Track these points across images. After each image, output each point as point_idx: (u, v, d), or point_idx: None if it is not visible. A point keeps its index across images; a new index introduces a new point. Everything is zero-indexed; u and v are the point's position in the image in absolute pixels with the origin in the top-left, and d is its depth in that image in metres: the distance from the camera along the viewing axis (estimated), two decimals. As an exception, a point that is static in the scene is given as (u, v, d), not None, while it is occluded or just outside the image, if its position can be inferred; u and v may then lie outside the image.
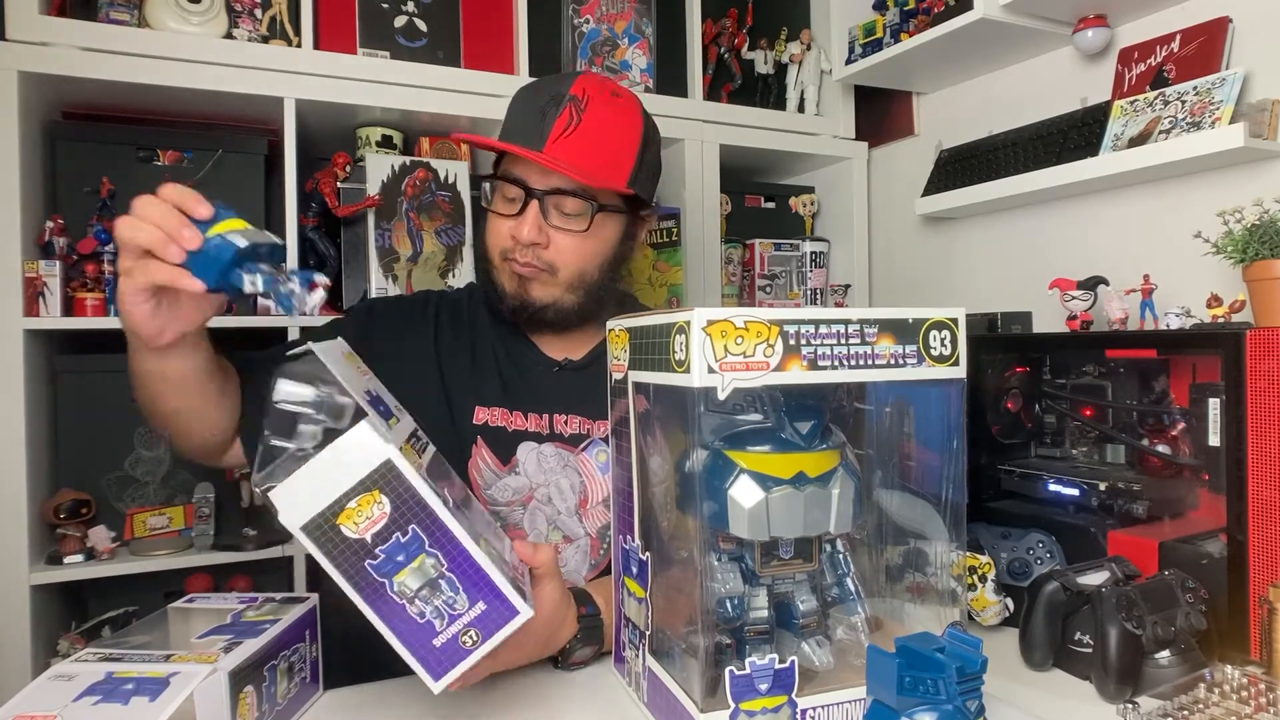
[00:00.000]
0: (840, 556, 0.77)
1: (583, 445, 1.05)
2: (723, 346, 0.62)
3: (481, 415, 1.04)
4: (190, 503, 1.43)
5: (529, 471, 1.03)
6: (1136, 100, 1.35)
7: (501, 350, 1.09)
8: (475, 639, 0.65)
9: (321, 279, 0.75)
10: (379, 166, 1.51)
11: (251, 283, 0.73)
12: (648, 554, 0.74)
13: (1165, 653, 0.80)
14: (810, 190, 2.05)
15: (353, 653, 0.98)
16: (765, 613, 0.72)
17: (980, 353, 1.16)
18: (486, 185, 1.05)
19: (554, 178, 0.98)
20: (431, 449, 0.82)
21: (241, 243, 0.71)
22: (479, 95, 1.58)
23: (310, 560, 0.80)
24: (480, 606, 0.65)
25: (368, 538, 0.63)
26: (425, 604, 0.64)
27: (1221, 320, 1.01)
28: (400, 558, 0.64)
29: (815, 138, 1.94)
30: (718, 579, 0.71)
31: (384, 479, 0.63)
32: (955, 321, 0.69)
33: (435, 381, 1.05)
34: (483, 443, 1.03)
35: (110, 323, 1.34)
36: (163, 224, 0.70)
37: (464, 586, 0.64)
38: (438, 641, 0.64)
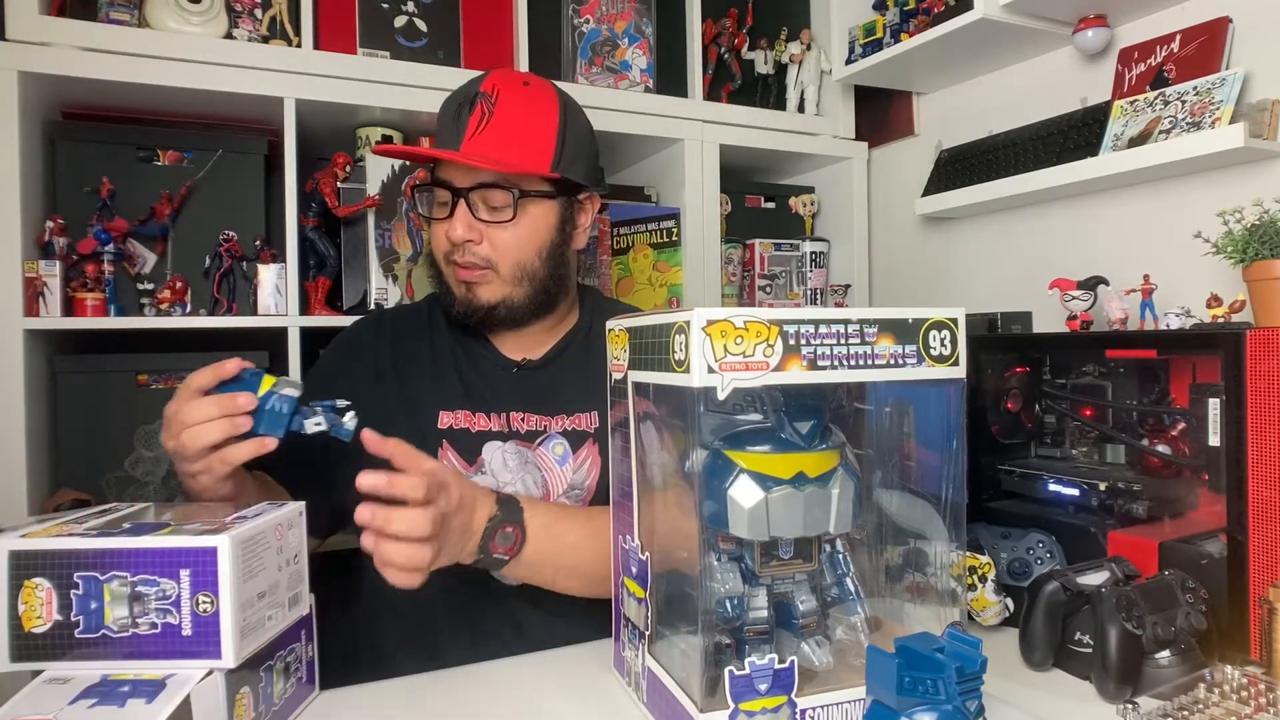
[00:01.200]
0: (840, 556, 0.77)
1: (539, 441, 1.06)
2: (722, 346, 0.62)
3: (446, 419, 1.05)
4: (189, 502, 1.43)
5: (495, 470, 1.04)
6: (1136, 100, 1.35)
7: (461, 353, 1.11)
8: (210, 599, 0.64)
9: (342, 402, 0.84)
10: (379, 166, 1.51)
11: (315, 424, 0.81)
12: (647, 554, 0.74)
13: (1165, 653, 0.80)
14: (810, 190, 2.05)
15: (349, 652, 0.98)
16: (765, 613, 0.72)
17: (980, 353, 1.16)
18: (422, 195, 1.09)
19: (476, 174, 1.01)
20: None
21: (294, 393, 0.80)
22: (479, 95, 1.57)
23: (311, 561, 0.80)
24: (185, 573, 0.64)
25: (56, 617, 0.64)
26: (145, 616, 0.64)
27: (1221, 320, 1.01)
28: (93, 605, 0.64)
29: (815, 138, 1.94)
30: (717, 579, 0.71)
31: (20, 567, 0.64)
32: (955, 321, 0.69)
33: (394, 395, 1.07)
34: (448, 446, 1.04)
35: (110, 323, 1.34)
36: (219, 413, 0.77)
37: (158, 573, 0.64)
38: (186, 631, 0.64)
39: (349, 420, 0.82)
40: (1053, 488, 1.08)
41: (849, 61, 1.79)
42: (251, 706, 0.68)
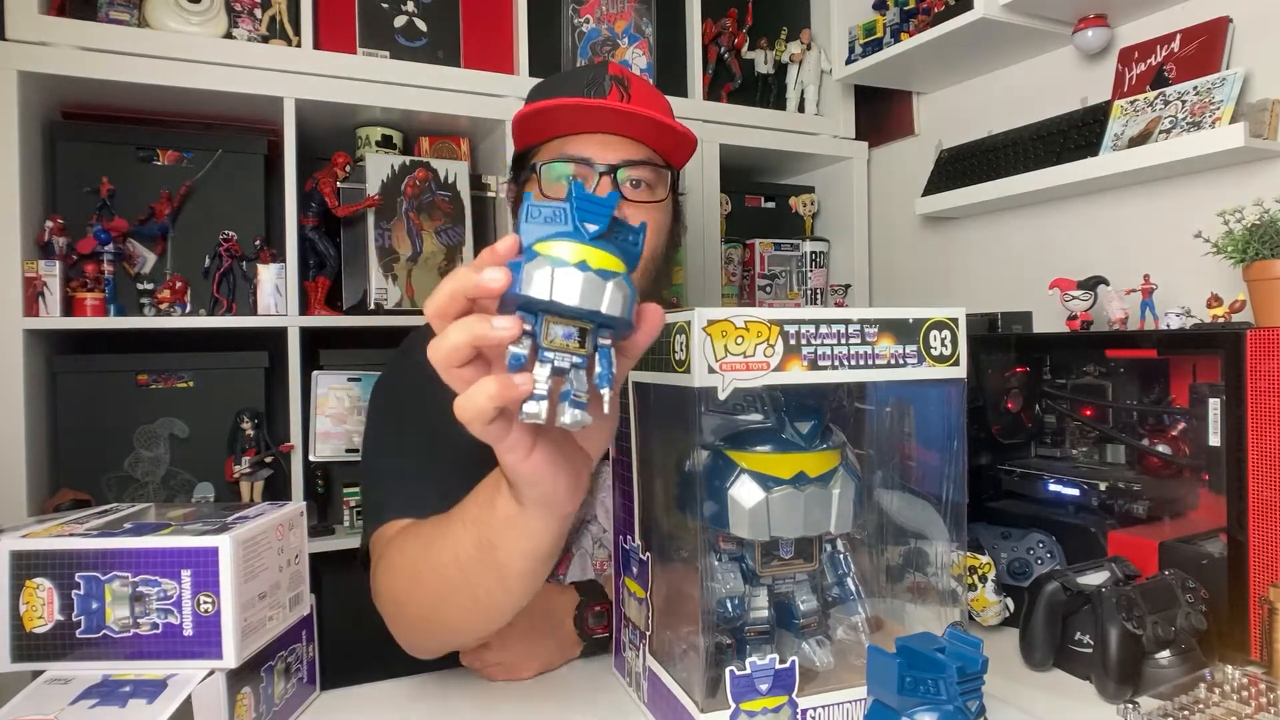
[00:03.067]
0: (841, 556, 0.77)
1: None
2: (723, 346, 0.62)
3: None
4: (190, 503, 1.43)
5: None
6: (1137, 100, 1.35)
7: None
8: (212, 599, 0.64)
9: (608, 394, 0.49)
10: (379, 166, 1.51)
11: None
12: (648, 554, 0.74)
13: (1165, 653, 0.80)
14: (810, 190, 2.05)
15: (350, 653, 0.98)
16: (766, 613, 0.72)
17: (980, 353, 1.16)
18: (542, 171, 0.94)
19: (623, 151, 0.93)
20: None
21: (537, 293, 0.45)
22: (479, 95, 1.58)
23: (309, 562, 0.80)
24: (186, 574, 0.64)
25: (57, 617, 0.64)
26: (146, 616, 0.64)
27: (1222, 320, 1.01)
28: (95, 605, 0.64)
29: (815, 137, 1.94)
30: (718, 579, 0.71)
31: (21, 567, 0.64)
32: (955, 321, 0.69)
33: None
34: None
35: (110, 323, 1.34)
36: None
37: (159, 573, 0.64)
38: (188, 631, 0.64)
39: (573, 412, 0.47)
40: (1053, 488, 1.08)
41: (849, 61, 1.79)
42: (252, 707, 0.68)
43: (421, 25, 1.57)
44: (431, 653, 0.81)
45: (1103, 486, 1.02)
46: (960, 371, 0.69)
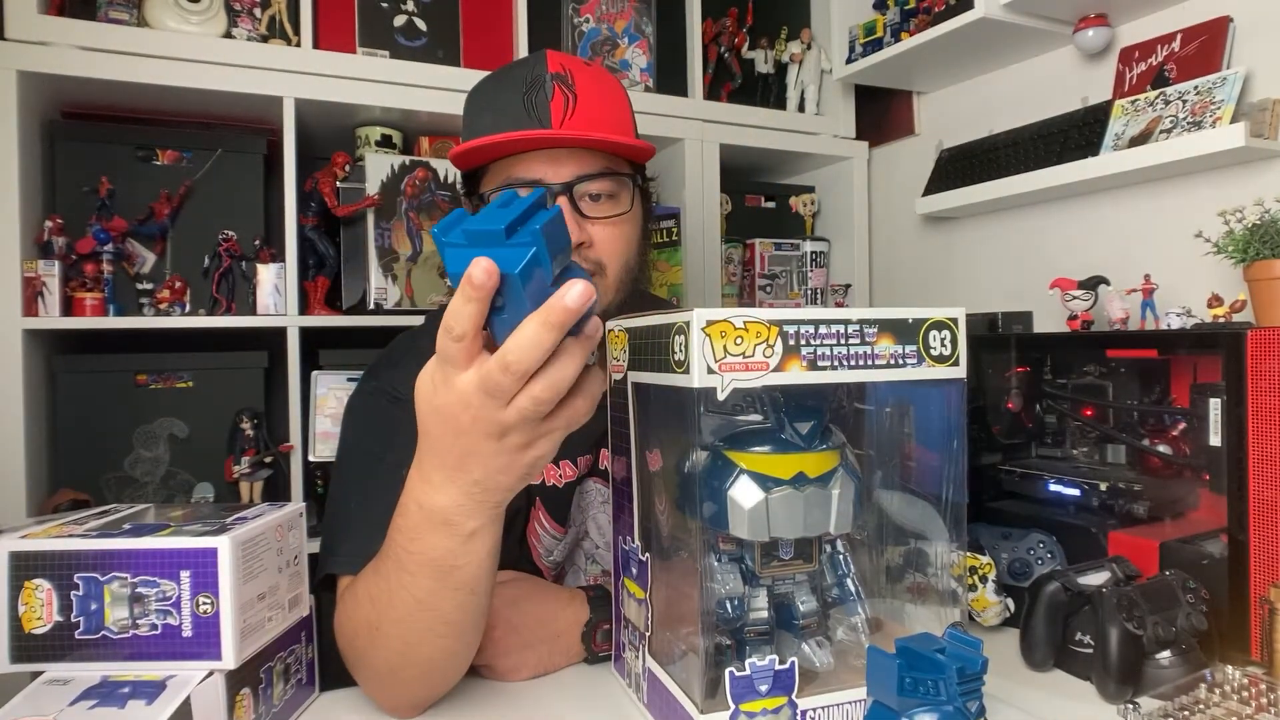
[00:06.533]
0: (840, 557, 0.77)
1: None
2: (722, 347, 0.62)
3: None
4: (190, 503, 1.43)
5: (571, 514, 0.98)
6: (1137, 100, 1.34)
7: None
8: (210, 600, 0.64)
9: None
10: (378, 166, 1.50)
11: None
12: (647, 555, 0.74)
13: (1166, 653, 0.79)
14: (810, 190, 2.05)
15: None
16: (765, 613, 0.72)
17: (981, 353, 1.16)
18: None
19: (575, 165, 0.86)
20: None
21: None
22: (478, 95, 1.57)
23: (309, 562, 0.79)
24: (186, 574, 0.64)
25: (56, 618, 0.64)
26: (145, 616, 0.64)
27: (1222, 320, 1.01)
28: (94, 606, 0.64)
29: (815, 137, 1.93)
30: (717, 580, 0.71)
31: (20, 568, 0.64)
32: (955, 321, 0.69)
33: None
34: (540, 504, 0.94)
35: (109, 322, 1.34)
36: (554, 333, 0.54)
37: (158, 574, 0.64)
38: (186, 632, 0.64)
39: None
40: (1053, 488, 1.08)
41: (849, 61, 1.79)
42: (251, 708, 0.68)
43: (421, 25, 1.57)
44: (414, 705, 0.77)
45: (1103, 487, 1.02)
46: (960, 371, 0.69)
